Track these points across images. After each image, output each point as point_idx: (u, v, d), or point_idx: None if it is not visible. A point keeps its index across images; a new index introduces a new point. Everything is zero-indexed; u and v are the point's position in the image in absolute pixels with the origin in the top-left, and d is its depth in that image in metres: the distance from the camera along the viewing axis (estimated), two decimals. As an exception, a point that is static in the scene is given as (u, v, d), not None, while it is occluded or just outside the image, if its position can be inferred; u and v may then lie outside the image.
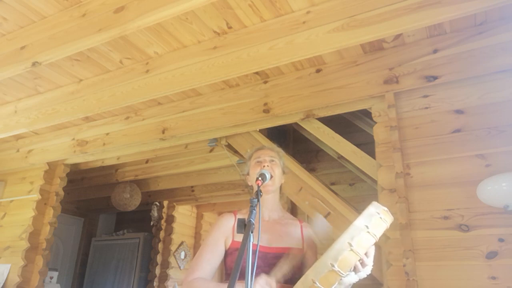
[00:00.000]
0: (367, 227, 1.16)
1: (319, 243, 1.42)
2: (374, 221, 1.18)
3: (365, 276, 1.25)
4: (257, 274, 1.30)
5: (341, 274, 1.12)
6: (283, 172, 1.63)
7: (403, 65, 2.32)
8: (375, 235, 1.17)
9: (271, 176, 1.51)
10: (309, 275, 1.14)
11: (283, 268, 1.33)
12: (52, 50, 2.29)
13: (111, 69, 2.78)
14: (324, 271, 1.12)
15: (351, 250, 1.13)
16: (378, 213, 1.20)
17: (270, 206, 1.57)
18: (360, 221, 1.17)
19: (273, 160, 1.58)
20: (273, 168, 1.55)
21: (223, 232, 1.48)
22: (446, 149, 2.09)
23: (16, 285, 3.25)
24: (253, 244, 1.14)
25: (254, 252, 1.14)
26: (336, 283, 1.13)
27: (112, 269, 5.48)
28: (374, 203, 1.26)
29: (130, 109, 3.28)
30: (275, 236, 1.48)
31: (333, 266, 1.11)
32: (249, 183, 1.63)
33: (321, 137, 2.72)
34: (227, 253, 1.47)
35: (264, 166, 1.53)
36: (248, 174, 1.64)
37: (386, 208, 1.26)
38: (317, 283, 1.12)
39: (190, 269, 1.41)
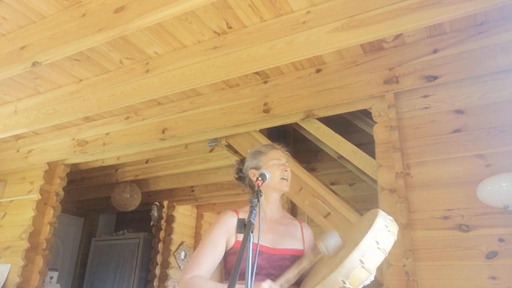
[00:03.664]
0: (377, 243, 1.14)
1: (327, 253, 1.38)
2: (383, 235, 1.17)
3: (369, 282, 1.25)
4: (263, 275, 1.30)
5: None
6: None
7: (403, 65, 2.32)
8: (385, 251, 1.16)
9: (287, 179, 1.56)
10: None
11: (289, 278, 1.32)
12: (52, 50, 2.29)
13: (111, 69, 2.78)
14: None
15: (363, 267, 1.11)
16: (386, 226, 1.19)
17: (274, 206, 1.57)
18: (370, 237, 1.15)
19: (287, 164, 1.62)
20: (289, 172, 1.59)
21: (225, 231, 1.46)
22: (446, 149, 2.09)
23: (16, 285, 3.25)
24: (254, 244, 1.13)
25: (255, 252, 1.14)
26: None
27: (112, 269, 5.48)
28: (380, 213, 1.24)
29: (130, 109, 3.28)
30: (278, 237, 1.47)
31: (344, 283, 1.10)
32: (254, 178, 1.58)
33: (321, 137, 2.72)
34: (229, 253, 1.45)
35: (286, 171, 1.56)
36: (256, 169, 1.59)
37: (391, 218, 1.25)
38: None
39: (187, 267, 1.38)
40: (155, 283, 5.01)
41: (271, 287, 1.23)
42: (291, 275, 1.32)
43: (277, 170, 1.54)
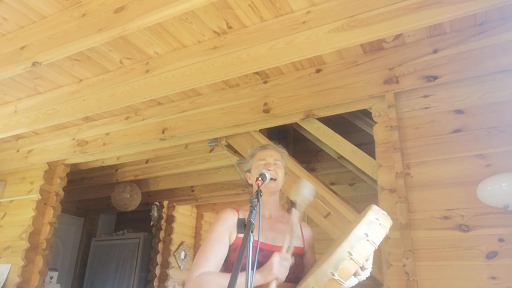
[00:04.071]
0: (366, 235, 1.16)
1: (304, 203, 1.44)
2: (373, 228, 1.18)
3: (365, 278, 1.26)
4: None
5: (341, 283, 1.13)
6: (285, 173, 1.64)
7: (403, 65, 2.32)
8: (374, 243, 1.17)
9: (275, 179, 1.53)
10: (309, 283, 1.15)
11: (289, 239, 1.35)
12: (52, 50, 2.29)
13: (111, 69, 2.78)
14: (324, 279, 1.13)
15: (351, 259, 1.13)
16: (378, 219, 1.20)
17: (271, 206, 1.58)
18: (359, 229, 1.17)
19: (276, 163, 1.59)
20: (277, 171, 1.56)
21: (226, 228, 1.47)
22: (446, 149, 2.09)
23: (16, 285, 3.25)
24: (254, 241, 1.14)
25: (254, 250, 1.15)
26: None
27: (112, 269, 5.48)
28: (374, 207, 1.25)
29: (130, 109, 3.28)
30: (278, 234, 1.48)
31: (333, 275, 1.12)
32: (249, 181, 1.64)
33: (321, 137, 2.72)
34: (230, 249, 1.46)
35: (269, 170, 1.53)
36: (249, 172, 1.64)
37: (385, 212, 1.25)
38: None
39: (195, 265, 1.38)
40: (155, 283, 5.01)
41: (282, 256, 1.27)
42: (287, 242, 1.35)
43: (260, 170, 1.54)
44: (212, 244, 1.42)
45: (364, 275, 1.24)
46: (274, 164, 1.58)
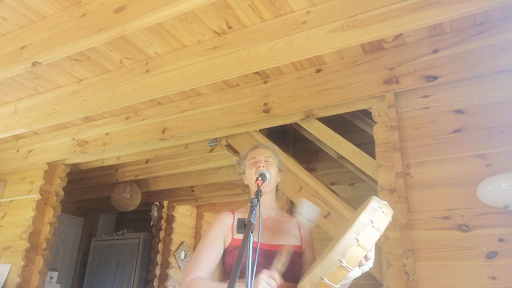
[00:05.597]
0: (371, 221, 1.17)
1: (309, 224, 1.46)
2: (377, 215, 1.19)
3: (368, 269, 1.26)
4: (258, 272, 1.31)
5: (349, 270, 1.13)
6: (279, 170, 1.64)
7: (403, 65, 2.32)
8: (379, 229, 1.18)
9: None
10: (316, 272, 1.15)
11: (281, 260, 1.33)
12: (52, 50, 2.29)
13: (111, 69, 2.79)
14: (333, 267, 1.13)
15: (358, 245, 1.13)
16: (380, 208, 1.22)
17: (267, 205, 1.58)
18: (364, 217, 1.18)
19: (268, 160, 1.58)
20: (269, 168, 1.54)
21: (221, 231, 1.48)
22: (446, 149, 2.09)
23: (16, 285, 3.25)
24: (253, 242, 1.14)
25: (254, 251, 1.14)
26: (344, 279, 1.14)
27: (112, 269, 5.48)
28: (375, 198, 1.27)
29: (130, 109, 3.28)
30: (274, 234, 1.48)
31: (341, 262, 1.12)
32: (246, 183, 1.63)
33: (321, 137, 2.72)
34: (226, 252, 1.46)
35: (259, 167, 1.52)
36: (244, 173, 1.64)
37: (385, 202, 1.27)
38: (325, 279, 1.13)
39: (188, 268, 1.40)
40: (155, 283, 5.01)
41: (270, 274, 1.24)
42: (282, 257, 1.34)
43: (251, 170, 1.54)
44: (206, 248, 1.43)
45: (368, 265, 1.24)
46: (265, 161, 1.56)
